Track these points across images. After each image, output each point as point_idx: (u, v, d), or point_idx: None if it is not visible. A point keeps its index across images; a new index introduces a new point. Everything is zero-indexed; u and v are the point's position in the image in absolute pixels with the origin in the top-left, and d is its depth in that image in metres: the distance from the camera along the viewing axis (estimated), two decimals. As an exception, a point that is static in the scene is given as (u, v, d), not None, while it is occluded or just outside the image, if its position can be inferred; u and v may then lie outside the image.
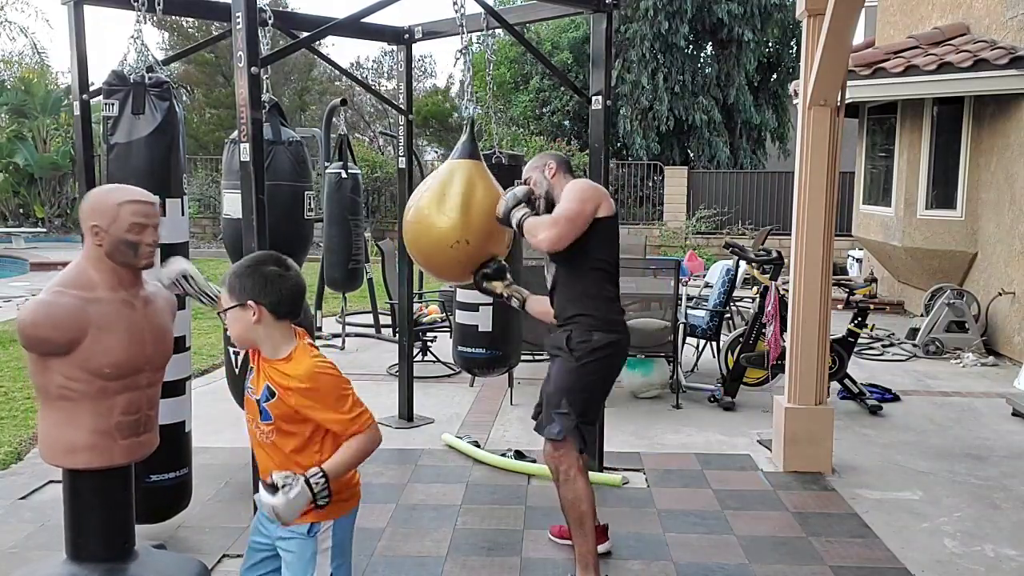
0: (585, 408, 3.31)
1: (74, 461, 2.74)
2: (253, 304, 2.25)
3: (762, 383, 6.20)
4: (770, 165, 19.27)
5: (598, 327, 3.29)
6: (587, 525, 3.27)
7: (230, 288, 2.30)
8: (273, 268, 2.29)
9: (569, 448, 3.27)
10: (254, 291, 2.26)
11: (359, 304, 9.81)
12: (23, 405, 5.68)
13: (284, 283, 2.28)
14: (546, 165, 3.57)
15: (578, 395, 3.30)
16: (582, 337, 3.29)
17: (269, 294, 2.26)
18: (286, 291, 2.29)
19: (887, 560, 3.62)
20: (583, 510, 3.27)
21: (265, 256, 2.35)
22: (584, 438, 3.30)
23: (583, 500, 3.28)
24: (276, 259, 2.33)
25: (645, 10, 17.21)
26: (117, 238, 2.68)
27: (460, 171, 3.60)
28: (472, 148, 3.68)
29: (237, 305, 2.27)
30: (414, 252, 3.68)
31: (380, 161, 17.73)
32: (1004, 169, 7.90)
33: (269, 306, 2.26)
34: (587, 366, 3.29)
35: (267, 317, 2.26)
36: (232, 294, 2.29)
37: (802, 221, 4.61)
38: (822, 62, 4.38)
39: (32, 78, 20.62)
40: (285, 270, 2.30)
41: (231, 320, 2.31)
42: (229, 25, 3.35)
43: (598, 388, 3.38)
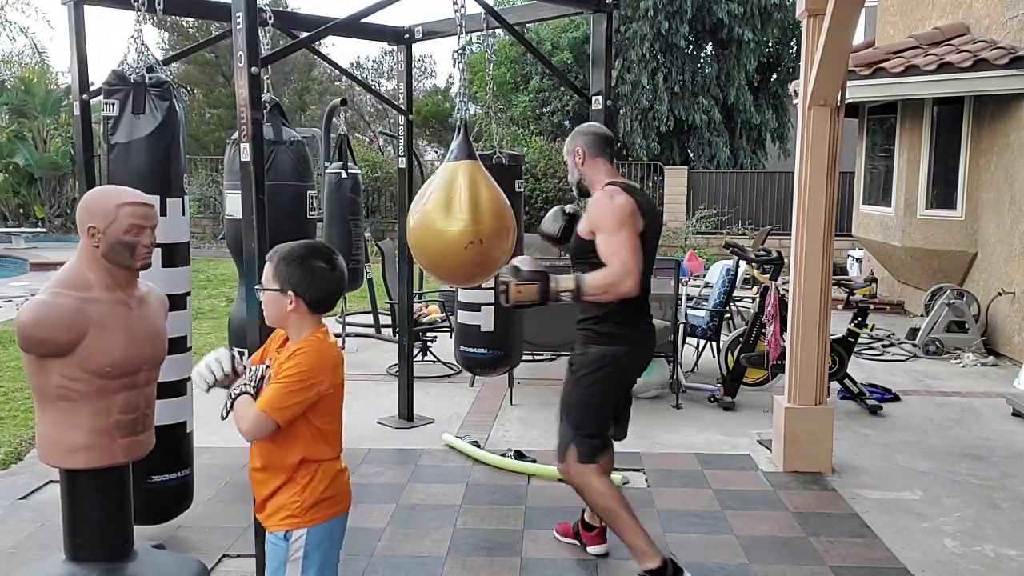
0: (581, 422, 3.28)
1: (74, 461, 2.74)
2: (293, 295, 2.27)
3: (762, 383, 6.20)
4: (770, 165, 19.27)
5: (597, 340, 3.25)
6: (622, 519, 3.23)
7: (276, 271, 2.30)
8: (321, 264, 2.30)
9: (572, 460, 3.28)
10: (298, 284, 2.27)
11: (359, 304, 9.81)
12: (23, 405, 5.68)
13: (328, 281, 2.31)
14: (575, 151, 3.34)
15: (573, 409, 3.30)
16: (580, 350, 3.29)
17: (311, 289, 2.28)
18: (328, 289, 2.31)
19: (887, 560, 3.62)
20: (609, 505, 3.24)
21: (316, 249, 2.34)
22: (584, 450, 3.26)
23: (605, 496, 3.24)
24: (326, 253, 2.33)
25: (645, 10, 17.21)
26: (114, 240, 2.68)
27: (463, 172, 3.57)
28: (469, 148, 3.67)
29: (278, 289, 2.29)
30: (422, 257, 3.62)
31: (380, 161, 17.73)
32: (1004, 169, 7.90)
33: (307, 300, 2.28)
34: (582, 380, 3.28)
35: (303, 308, 2.29)
36: (276, 278, 2.29)
37: (802, 221, 4.61)
38: (822, 62, 4.37)
39: (32, 78, 20.62)
40: (332, 268, 2.32)
41: (267, 300, 2.33)
42: (229, 25, 3.35)
43: (594, 402, 3.30)
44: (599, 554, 3.61)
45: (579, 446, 3.27)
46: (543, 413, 5.78)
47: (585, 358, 3.27)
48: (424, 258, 3.63)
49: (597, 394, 3.28)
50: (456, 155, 3.66)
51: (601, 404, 3.32)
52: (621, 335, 3.25)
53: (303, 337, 2.31)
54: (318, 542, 2.31)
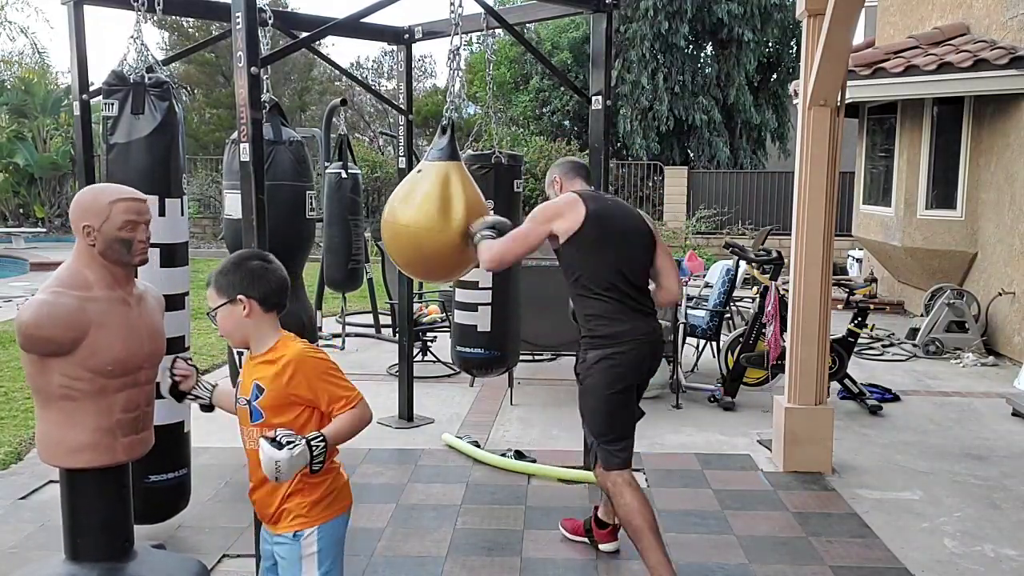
0: (599, 428, 3.28)
1: (77, 460, 2.73)
2: (243, 298, 2.32)
3: (762, 383, 6.19)
4: (770, 165, 19.28)
5: (592, 345, 3.27)
6: (646, 539, 3.17)
7: (217, 287, 2.36)
8: (257, 262, 2.38)
9: (600, 468, 3.30)
10: (242, 286, 2.33)
11: (359, 304, 9.81)
12: (23, 405, 5.68)
13: (270, 276, 2.37)
14: (553, 181, 3.56)
15: (588, 417, 3.31)
16: (581, 357, 3.33)
17: (258, 287, 2.34)
18: (273, 283, 2.37)
19: (887, 560, 3.62)
20: (636, 524, 3.18)
21: (246, 253, 2.45)
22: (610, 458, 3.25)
23: (634, 514, 3.19)
24: (257, 254, 2.44)
25: (645, 10, 17.21)
26: (110, 236, 2.68)
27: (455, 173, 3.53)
28: (455, 149, 3.64)
29: (227, 302, 2.34)
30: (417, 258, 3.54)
31: (380, 161, 17.72)
32: (1004, 169, 7.89)
33: (259, 298, 2.33)
34: (587, 386, 3.29)
35: (257, 310, 2.34)
36: (220, 292, 2.35)
37: (802, 221, 4.61)
38: (822, 62, 4.37)
39: (32, 78, 20.62)
40: (268, 263, 2.39)
41: (222, 318, 2.37)
42: (229, 25, 3.35)
43: (603, 407, 3.26)
44: (610, 551, 3.60)
45: (603, 454, 3.27)
46: (543, 413, 5.78)
47: (585, 364, 3.29)
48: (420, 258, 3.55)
49: (604, 398, 3.24)
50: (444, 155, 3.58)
51: (612, 408, 3.26)
52: (615, 335, 3.23)
53: (273, 343, 2.34)
54: (328, 538, 2.35)
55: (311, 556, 2.32)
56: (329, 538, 2.35)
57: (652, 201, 16.77)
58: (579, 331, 3.37)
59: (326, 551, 2.33)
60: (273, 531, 2.38)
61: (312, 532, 2.32)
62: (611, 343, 3.23)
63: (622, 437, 3.29)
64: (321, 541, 2.32)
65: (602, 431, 3.27)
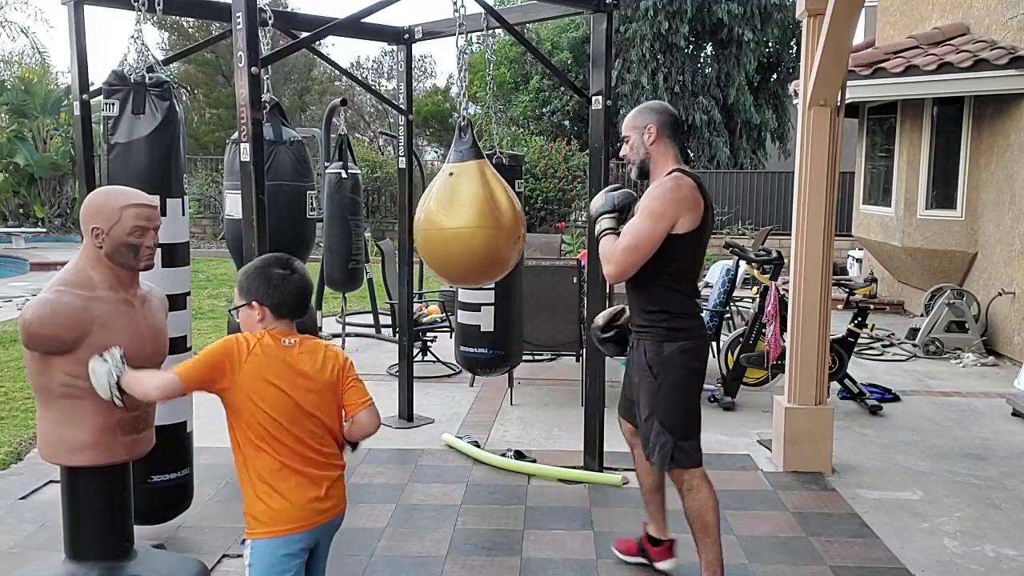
0: (678, 426, 3.10)
1: (78, 459, 2.74)
2: (257, 305, 2.35)
3: (762, 383, 6.19)
4: (770, 165, 19.28)
5: (670, 338, 3.06)
6: (712, 535, 3.13)
7: (239, 287, 2.40)
8: (278, 271, 2.37)
9: (677, 468, 3.14)
10: (258, 293, 2.35)
11: (359, 304, 9.81)
12: (23, 405, 5.68)
13: (287, 286, 2.36)
14: (646, 128, 3.14)
15: (668, 415, 3.10)
16: (653, 350, 3.09)
17: (271, 296, 2.35)
18: (288, 294, 2.36)
19: (887, 560, 3.62)
20: (708, 520, 3.12)
21: (272, 259, 2.41)
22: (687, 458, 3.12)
23: (708, 510, 3.12)
24: (282, 262, 2.40)
25: (645, 10, 17.22)
26: (118, 241, 2.70)
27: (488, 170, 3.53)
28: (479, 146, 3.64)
29: (244, 304, 2.38)
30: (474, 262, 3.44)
31: (380, 161, 17.74)
32: (1004, 169, 7.90)
33: (271, 307, 2.35)
34: (667, 381, 3.08)
35: (269, 317, 2.36)
36: (240, 293, 2.39)
37: (802, 221, 4.61)
38: (822, 62, 4.37)
39: (32, 78, 20.63)
40: (290, 273, 2.38)
41: (241, 317, 2.42)
42: (229, 25, 3.35)
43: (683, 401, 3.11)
44: (669, 569, 3.45)
45: (679, 452, 3.10)
46: (543, 413, 5.78)
47: (662, 356, 3.06)
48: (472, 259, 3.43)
49: (684, 392, 3.10)
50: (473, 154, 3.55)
51: (691, 402, 3.14)
52: (690, 328, 3.10)
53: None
54: (259, 556, 2.31)
55: (247, 568, 2.33)
56: (261, 556, 2.31)
57: (652, 201, 16.77)
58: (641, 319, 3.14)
59: (256, 568, 2.30)
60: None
61: (249, 544, 2.34)
62: (694, 336, 3.10)
63: (697, 434, 3.17)
64: (253, 556, 2.31)
65: (680, 427, 3.09)
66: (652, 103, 3.24)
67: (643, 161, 3.17)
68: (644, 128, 3.14)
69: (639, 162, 3.18)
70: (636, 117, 3.19)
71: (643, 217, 2.99)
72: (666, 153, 3.13)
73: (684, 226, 2.97)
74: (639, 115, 3.19)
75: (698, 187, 3.03)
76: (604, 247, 3.10)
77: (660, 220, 2.95)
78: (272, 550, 2.30)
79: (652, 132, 3.12)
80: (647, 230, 2.96)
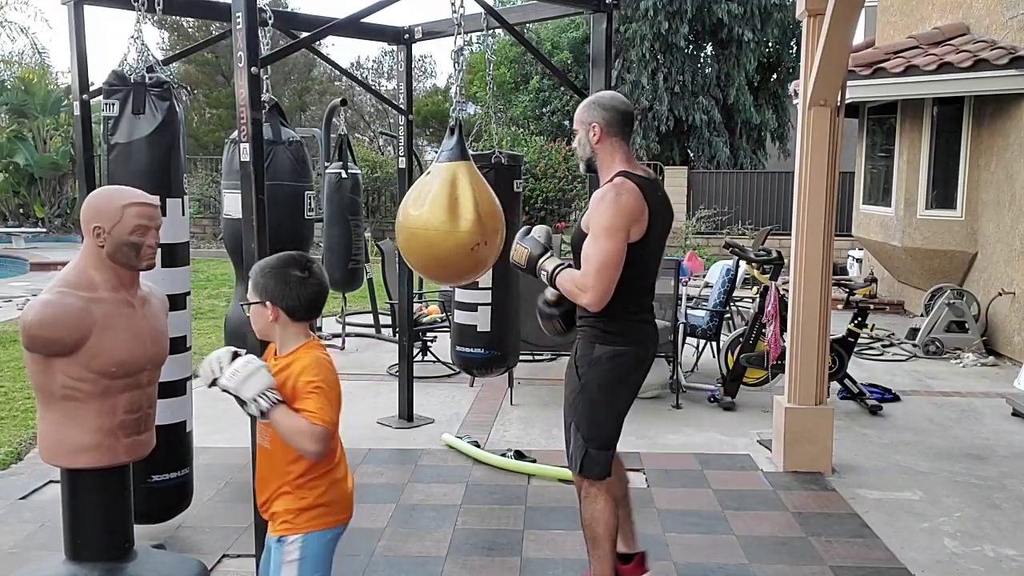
0: (593, 432, 3.00)
1: (78, 461, 2.74)
2: (271, 305, 2.31)
3: (762, 383, 6.19)
4: (770, 165, 19.27)
5: (603, 340, 2.95)
6: (602, 548, 3.01)
7: (254, 284, 2.35)
8: (296, 273, 2.32)
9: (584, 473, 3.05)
10: (274, 293, 2.31)
11: (359, 304, 9.81)
12: (23, 405, 5.68)
13: (304, 289, 2.32)
14: (591, 125, 2.97)
15: (584, 418, 3.01)
16: (584, 351, 3.00)
17: (288, 298, 2.31)
18: (304, 297, 2.32)
19: (887, 560, 3.62)
20: (598, 532, 3.02)
21: (290, 259, 2.36)
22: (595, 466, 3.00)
23: (599, 523, 3.01)
24: (301, 263, 2.35)
25: (645, 10, 17.21)
26: (120, 240, 2.69)
27: (463, 173, 3.57)
28: (464, 148, 3.69)
29: (259, 302, 2.33)
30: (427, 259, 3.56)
31: (380, 161, 17.74)
32: (1004, 169, 7.89)
33: (286, 309, 2.31)
34: (589, 384, 2.98)
35: (283, 318, 2.32)
36: (255, 291, 2.34)
37: (802, 221, 4.61)
38: (822, 62, 4.37)
39: (32, 78, 20.62)
40: (308, 276, 2.33)
41: (253, 314, 2.37)
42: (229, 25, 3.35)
43: (603, 408, 3.00)
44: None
45: (591, 461, 3.01)
46: (543, 413, 5.78)
47: (590, 358, 2.97)
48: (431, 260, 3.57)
49: (606, 399, 2.99)
50: (453, 155, 3.64)
51: (612, 410, 3.01)
52: (627, 332, 2.96)
53: (293, 349, 2.33)
54: (312, 549, 2.30)
55: (292, 564, 2.28)
56: (314, 549, 2.30)
57: (652, 201, 16.77)
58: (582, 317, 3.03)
59: (309, 562, 2.29)
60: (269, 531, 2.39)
61: (296, 540, 2.29)
62: (628, 341, 2.96)
63: (613, 445, 3.05)
64: (305, 550, 2.28)
65: (597, 435, 3.00)
66: (602, 96, 3.04)
67: (589, 159, 3.04)
68: (589, 125, 2.98)
69: (586, 159, 3.06)
70: (583, 111, 3.01)
71: (598, 238, 2.84)
72: (612, 153, 2.98)
73: (632, 236, 2.86)
74: (586, 110, 3.00)
75: (643, 191, 2.88)
76: (569, 281, 2.91)
77: (617, 232, 2.82)
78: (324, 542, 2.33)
79: (597, 131, 2.96)
80: (610, 247, 2.82)
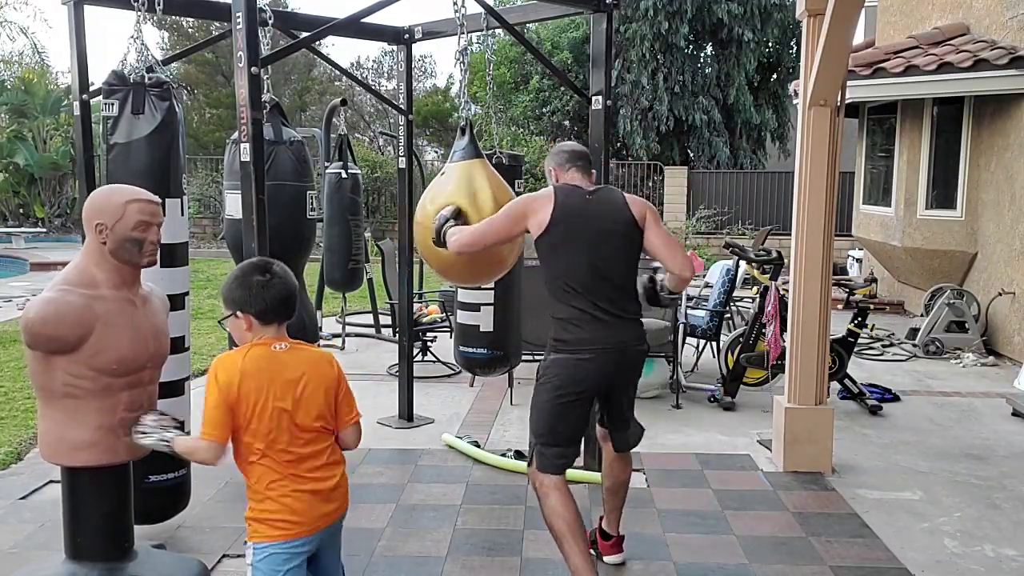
0: (540, 429, 3.18)
1: (79, 459, 2.74)
2: (241, 314, 2.36)
3: (762, 383, 6.19)
4: (770, 165, 19.27)
5: (553, 348, 3.17)
6: (567, 543, 3.10)
7: (224, 299, 2.41)
8: (257, 278, 2.36)
9: (534, 467, 3.21)
10: (241, 302, 2.36)
11: (359, 304, 9.81)
12: (23, 405, 5.68)
13: (267, 292, 2.35)
14: (549, 171, 3.40)
15: (533, 416, 3.22)
16: (543, 357, 3.24)
17: (254, 304, 2.35)
18: (270, 300, 2.35)
19: (887, 560, 3.62)
20: (558, 528, 3.12)
21: (250, 266, 2.41)
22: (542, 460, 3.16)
23: (556, 518, 3.12)
24: (261, 267, 2.39)
25: (645, 10, 17.21)
26: (122, 236, 2.70)
27: (479, 172, 3.58)
28: (477, 147, 3.70)
29: (231, 315, 2.39)
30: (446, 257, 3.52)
31: (380, 161, 17.74)
32: (1004, 169, 7.90)
33: (255, 314, 2.36)
34: (538, 387, 3.20)
35: (256, 324, 2.36)
36: (226, 305, 2.40)
37: (802, 221, 4.61)
38: (822, 62, 4.37)
39: (32, 78, 20.62)
40: (269, 278, 2.36)
41: (230, 327, 2.43)
42: (229, 25, 3.36)
43: (548, 410, 3.16)
44: (615, 563, 3.53)
45: (538, 455, 3.18)
46: (543, 413, 5.78)
47: (543, 363, 3.21)
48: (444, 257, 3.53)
49: (549, 402, 3.15)
50: (467, 154, 3.64)
51: (556, 412, 3.15)
52: (576, 341, 3.11)
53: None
54: (262, 558, 2.32)
55: (249, 567, 2.34)
56: (264, 559, 2.31)
57: (652, 201, 16.43)
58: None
59: (259, 570, 2.31)
60: None
61: (249, 546, 2.35)
62: (571, 349, 3.12)
63: (560, 444, 3.17)
64: (255, 557, 2.33)
65: (541, 432, 3.18)
66: (555, 147, 3.49)
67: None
68: (548, 172, 3.42)
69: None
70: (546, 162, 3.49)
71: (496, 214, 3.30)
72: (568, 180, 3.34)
73: (534, 228, 3.16)
74: (546, 163, 3.48)
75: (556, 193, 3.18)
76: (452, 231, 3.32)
77: (506, 218, 3.22)
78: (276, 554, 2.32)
79: (553, 173, 3.38)
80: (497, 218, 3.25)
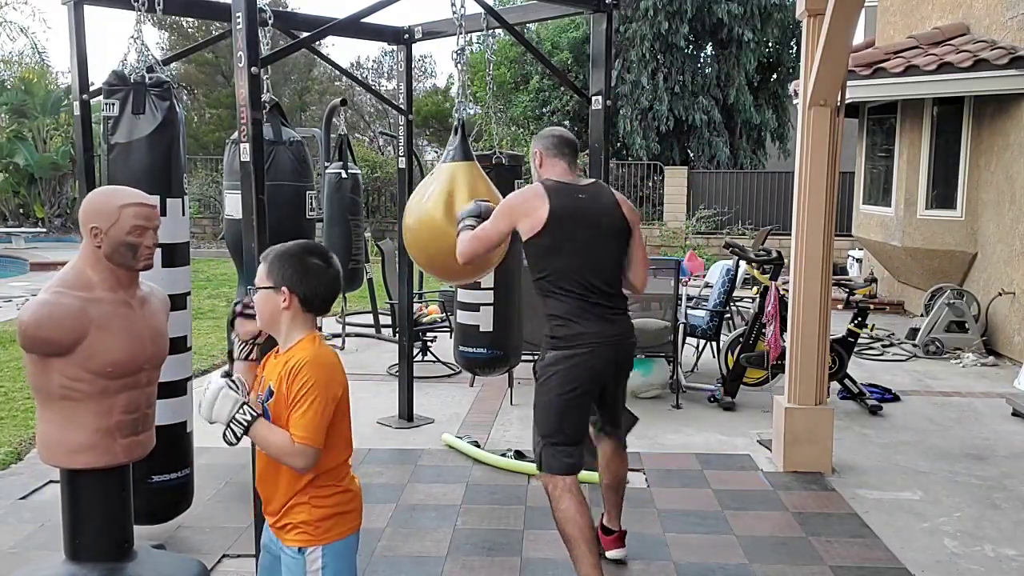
0: (547, 430, 3.17)
1: (76, 461, 2.74)
2: (286, 291, 2.21)
3: (762, 383, 6.19)
4: (770, 165, 19.26)
5: (551, 345, 3.17)
6: (577, 549, 3.09)
7: (269, 269, 2.24)
8: (316, 261, 2.25)
9: (544, 470, 3.19)
10: (291, 279, 2.21)
11: (359, 304, 9.81)
12: (23, 405, 5.68)
13: (322, 278, 2.25)
14: (535, 155, 3.35)
15: (539, 417, 3.21)
16: (540, 357, 3.25)
17: (305, 286, 2.22)
18: (322, 287, 2.25)
19: (887, 560, 3.62)
20: (569, 533, 3.11)
21: (312, 246, 2.31)
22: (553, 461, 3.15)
23: (569, 523, 3.11)
24: (320, 252, 2.29)
25: (645, 10, 17.20)
26: (117, 240, 2.69)
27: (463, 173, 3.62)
28: (467, 149, 3.73)
29: (272, 287, 2.23)
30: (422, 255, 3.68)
31: (380, 161, 17.75)
32: (1004, 169, 7.89)
33: (301, 297, 2.22)
34: (540, 386, 3.20)
35: (296, 307, 2.23)
36: (269, 275, 2.24)
37: (802, 221, 4.61)
38: (822, 62, 4.37)
39: (32, 78, 20.62)
40: (327, 267, 2.27)
41: (261, 299, 2.25)
42: (229, 25, 3.35)
43: (554, 408, 3.16)
44: (617, 559, 3.54)
45: (547, 456, 3.17)
46: (543, 413, 5.78)
47: (542, 362, 3.21)
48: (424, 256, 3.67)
49: (555, 400, 3.15)
50: (454, 156, 3.71)
51: (562, 410, 3.16)
52: (574, 336, 3.13)
53: (295, 341, 2.23)
54: (333, 557, 2.28)
55: (315, 572, 2.26)
56: (335, 557, 2.28)
57: (652, 201, 16.78)
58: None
59: (331, 569, 2.27)
60: (281, 539, 2.32)
61: (316, 550, 2.26)
62: (570, 345, 3.14)
63: (567, 442, 3.16)
64: (325, 558, 2.26)
65: (548, 431, 3.16)
66: (544, 130, 3.44)
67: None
68: (534, 155, 3.38)
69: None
70: (532, 144, 3.46)
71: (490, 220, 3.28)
72: (552, 170, 3.32)
73: (526, 230, 3.15)
74: (532, 143, 3.45)
75: (548, 192, 3.17)
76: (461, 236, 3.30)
77: (494, 221, 3.23)
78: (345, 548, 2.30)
79: (538, 157, 3.34)
80: (488, 227, 3.23)
